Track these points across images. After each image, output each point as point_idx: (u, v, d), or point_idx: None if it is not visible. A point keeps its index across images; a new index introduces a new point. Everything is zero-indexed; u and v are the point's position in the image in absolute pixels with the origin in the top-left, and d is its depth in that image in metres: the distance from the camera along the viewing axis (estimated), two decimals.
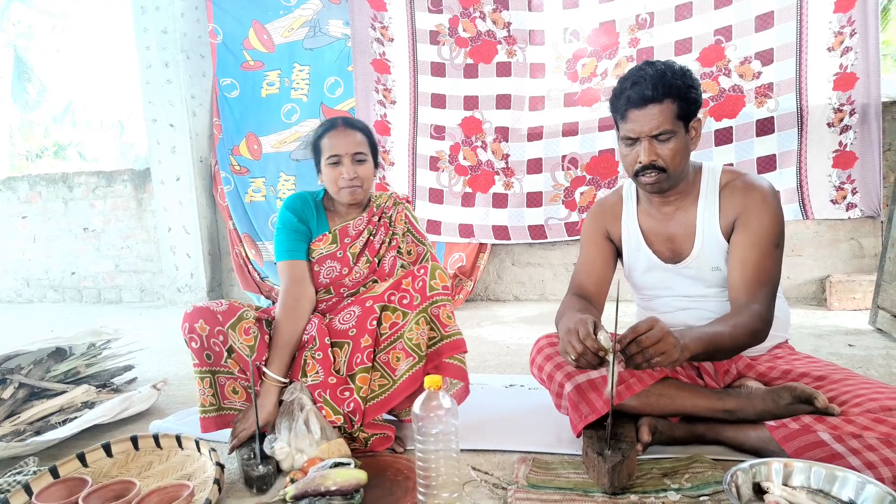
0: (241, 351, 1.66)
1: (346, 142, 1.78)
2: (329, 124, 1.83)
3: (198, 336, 1.63)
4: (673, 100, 1.48)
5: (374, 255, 1.85)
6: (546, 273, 4.09)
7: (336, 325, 1.72)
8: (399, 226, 1.90)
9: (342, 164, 1.77)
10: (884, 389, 1.39)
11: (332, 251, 1.83)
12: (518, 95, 3.80)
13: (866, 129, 3.14)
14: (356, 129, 1.82)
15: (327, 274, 1.83)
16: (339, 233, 1.85)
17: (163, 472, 1.59)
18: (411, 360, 1.64)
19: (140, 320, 4.26)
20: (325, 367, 1.65)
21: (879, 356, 2.40)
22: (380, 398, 1.64)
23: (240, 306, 1.71)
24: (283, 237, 1.84)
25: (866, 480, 1.19)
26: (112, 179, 5.08)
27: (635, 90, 1.49)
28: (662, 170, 1.52)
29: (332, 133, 1.80)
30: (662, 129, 1.48)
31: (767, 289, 1.51)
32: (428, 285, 1.68)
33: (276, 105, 4.38)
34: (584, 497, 1.34)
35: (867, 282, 3.23)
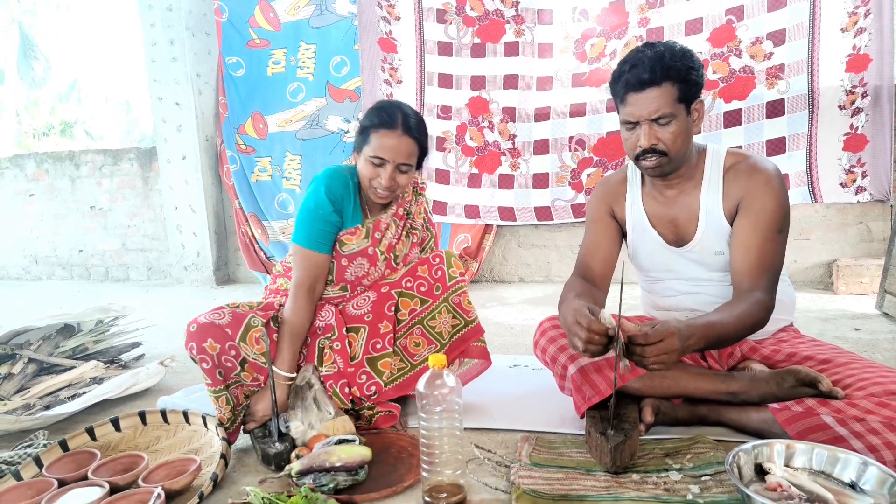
0: (256, 360, 1.60)
1: (398, 150, 1.61)
2: (388, 118, 1.62)
3: (209, 356, 1.53)
4: (672, 82, 1.45)
5: (391, 252, 1.78)
6: (551, 255, 4.09)
7: (350, 311, 1.70)
8: (418, 219, 1.83)
9: (384, 167, 1.62)
10: (888, 373, 1.39)
11: (363, 247, 1.72)
12: (526, 75, 3.76)
13: (878, 112, 3.10)
14: (413, 136, 1.63)
15: (355, 272, 1.74)
16: (372, 227, 1.73)
17: (170, 446, 1.62)
18: (433, 347, 1.68)
19: (147, 298, 4.29)
20: (343, 356, 1.65)
21: (885, 340, 2.40)
22: (398, 381, 1.67)
23: (243, 313, 1.61)
24: (312, 224, 1.67)
25: (868, 462, 1.20)
26: (118, 158, 5.08)
27: (633, 73, 1.46)
28: (663, 154, 1.51)
29: (386, 133, 1.60)
30: (662, 112, 1.46)
31: (770, 275, 1.50)
32: (447, 274, 1.68)
33: (282, 84, 4.35)
34: (587, 476, 1.36)
35: (875, 266, 3.21)
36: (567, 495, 1.27)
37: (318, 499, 1.21)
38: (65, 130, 18.24)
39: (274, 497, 1.23)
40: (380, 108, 1.65)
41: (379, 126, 1.61)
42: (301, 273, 1.68)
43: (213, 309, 1.61)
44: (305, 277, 1.67)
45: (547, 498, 1.25)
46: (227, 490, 1.40)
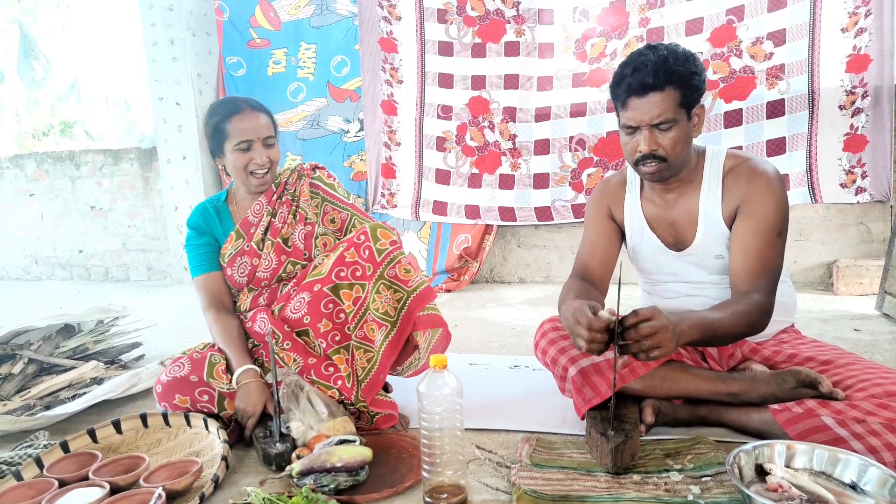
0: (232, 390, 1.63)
1: (256, 125, 1.71)
2: (232, 107, 1.73)
3: (182, 408, 1.63)
4: (675, 87, 1.44)
5: (277, 236, 1.80)
6: (552, 255, 4.09)
7: (289, 315, 1.70)
8: (303, 199, 1.84)
9: (253, 149, 1.71)
10: (889, 374, 1.39)
11: (239, 248, 1.80)
12: (526, 75, 3.76)
13: (878, 113, 3.10)
14: (261, 110, 1.75)
15: (241, 272, 1.81)
16: (241, 227, 1.81)
17: (171, 448, 1.62)
18: (384, 328, 1.62)
19: (147, 298, 4.29)
20: (298, 351, 1.66)
21: (885, 341, 2.40)
22: (371, 373, 1.64)
23: (201, 357, 1.67)
24: (190, 254, 1.84)
25: (869, 463, 1.20)
26: (119, 158, 5.08)
27: (636, 77, 1.44)
28: (663, 159, 1.50)
29: (238, 117, 1.71)
30: (664, 118, 1.45)
31: (769, 278, 1.50)
32: (374, 250, 1.62)
33: (283, 84, 4.35)
34: (587, 476, 1.36)
35: (875, 266, 3.22)
36: (568, 496, 1.27)
37: (319, 499, 1.21)
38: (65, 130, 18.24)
39: (275, 498, 1.23)
40: (220, 104, 1.77)
41: (228, 115, 1.72)
42: (200, 298, 1.82)
43: (172, 362, 1.71)
44: (207, 299, 1.81)
45: (547, 498, 1.25)
46: (227, 491, 1.40)
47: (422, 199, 4.03)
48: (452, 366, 1.27)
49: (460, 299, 3.68)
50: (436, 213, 4.01)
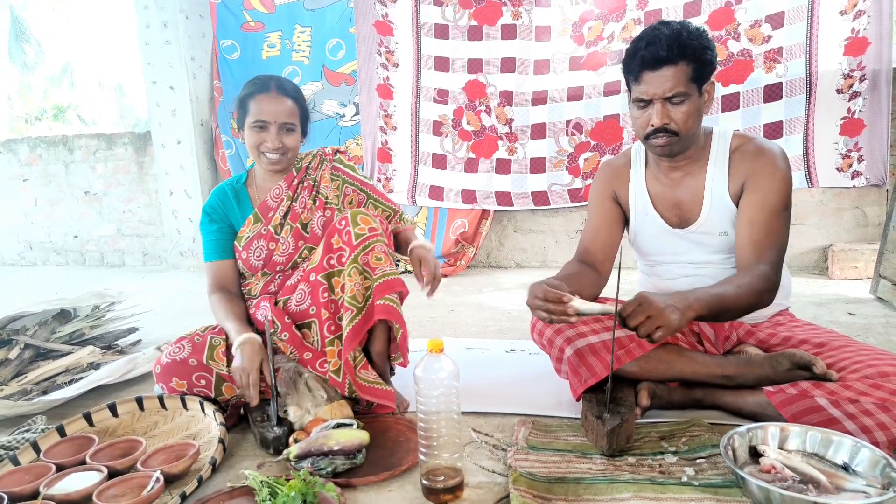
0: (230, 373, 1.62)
1: (276, 109, 1.69)
2: (260, 85, 1.72)
3: (178, 391, 1.64)
4: (688, 61, 1.45)
5: (296, 221, 1.78)
6: (548, 240, 4.09)
7: (293, 308, 1.70)
8: (324, 183, 1.82)
9: (267, 130, 1.69)
10: (882, 356, 1.40)
11: (256, 231, 1.78)
12: (523, 59, 3.74)
13: (876, 96, 3.09)
14: (288, 95, 1.72)
15: (257, 256, 1.78)
16: (260, 211, 1.79)
17: (168, 431, 1.62)
18: (350, 313, 1.59)
19: (143, 284, 4.28)
20: (295, 345, 1.66)
21: (879, 324, 2.41)
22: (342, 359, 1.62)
23: (202, 338, 1.67)
24: (204, 239, 1.82)
25: (861, 444, 1.21)
26: (112, 142, 5.04)
27: (649, 51, 1.45)
28: (674, 133, 1.50)
29: (262, 97, 1.70)
30: (676, 91, 1.46)
31: (775, 250, 1.51)
32: (353, 234, 1.61)
33: (278, 67, 4.31)
34: (583, 459, 1.37)
35: (870, 251, 3.23)
36: (563, 478, 1.28)
37: (317, 482, 1.22)
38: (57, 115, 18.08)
39: (273, 481, 1.24)
40: (252, 79, 1.75)
41: (255, 92, 1.70)
42: (210, 282, 1.80)
43: (174, 342, 1.69)
44: (214, 284, 1.79)
45: (543, 481, 1.26)
46: (225, 474, 1.41)
47: (418, 183, 4.01)
48: (449, 350, 1.28)
49: (457, 284, 3.68)
50: (432, 198, 4.00)
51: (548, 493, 1.22)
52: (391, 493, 1.29)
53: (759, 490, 1.12)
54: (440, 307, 3.05)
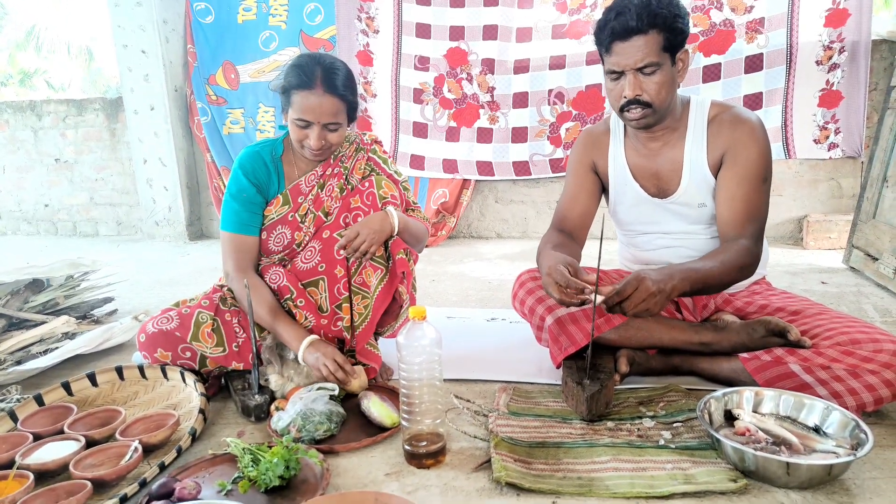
0: (214, 355, 1.60)
1: (321, 110, 1.55)
2: (305, 77, 1.55)
3: (162, 362, 1.61)
4: (658, 30, 1.42)
5: (320, 209, 1.70)
6: (529, 210, 4.09)
7: (300, 266, 1.67)
8: (356, 174, 1.74)
9: (310, 129, 1.58)
10: (853, 324, 1.43)
11: (283, 214, 1.70)
12: (505, 26, 3.68)
13: (854, 68, 3.11)
14: (335, 93, 1.56)
15: (278, 242, 1.71)
16: (290, 193, 1.70)
17: (148, 401, 1.61)
18: (379, 272, 1.62)
19: (118, 253, 4.21)
20: (311, 310, 1.64)
21: (851, 293, 2.47)
22: (367, 320, 1.63)
23: (190, 312, 1.61)
24: (234, 205, 1.67)
25: (832, 407, 1.25)
26: (83, 108, 4.89)
27: (619, 21, 1.43)
28: (647, 105, 1.49)
29: (306, 93, 1.55)
30: (647, 61, 1.44)
31: (756, 223, 1.53)
32: (377, 196, 1.64)
33: (254, 32, 4.19)
34: (563, 424, 1.39)
35: (843, 222, 3.29)
36: (544, 442, 1.30)
37: (299, 449, 1.22)
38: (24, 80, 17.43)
39: (255, 448, 1.24)
40: (297, 66, 1.57)
41: (298, 87, 1.56)
42: (231, 263, 1.66)
43: (161, 312, 1.65)
44: (238, 263, 1.66)
45: (524, 445, 1.28)
46: (206, 442, 1.41)
47: (399, 152, 3.97)
48: (431, 319, 1.28)
49: (438, 254, 3.68)
50: (413, 167, 3.97)
51: (528, 458, 1.24)
52: (373, 458, 1.30)
53: (734, 451, 1.15)
54: (421, 277, 3.04)
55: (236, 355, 1.62)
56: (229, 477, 1.22)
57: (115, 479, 1.21)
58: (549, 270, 1.40)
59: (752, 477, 1.14)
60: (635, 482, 1.14)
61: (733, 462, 1.17)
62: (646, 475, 1.16)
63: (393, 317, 1.73)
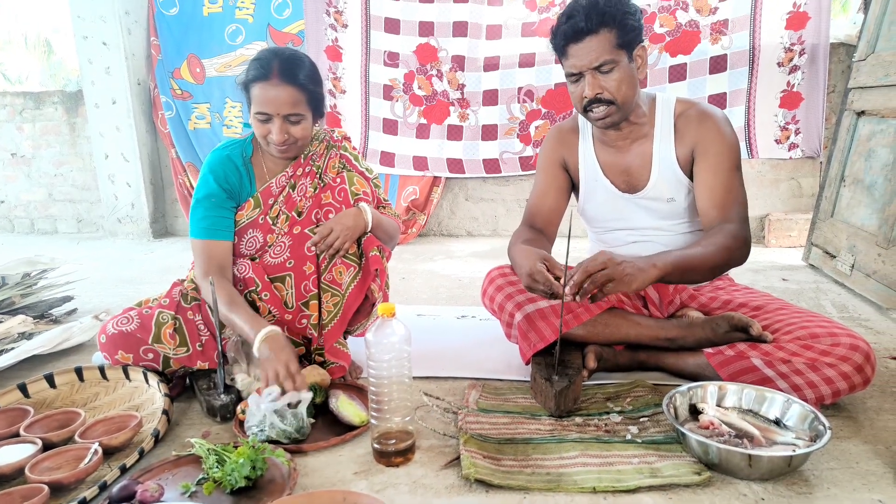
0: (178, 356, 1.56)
1: (279, 101, 1.52)
2: (261, 69, 1.53)
3: (123, 363, 1.57)
4: (609, 28, 1.45)
5: (293, 210, 1.67)
6: (499, 209, 4.10)
7: (269, 260, 1.64)
8: (330, 172, 1.71)
9: (272, 122, 1.54)
10: (813, 318, 1.47)
11: (253, 217, 1.66)
12: (475, 23, 3.68)
13: (814, 70, 3.20)
14: (293, 82, 1.52)
15: (249, 246, 1.68)
16: (261, 196, 1.66)
17: (109, 403, 1.57)
18: (352, 270, 1.61)
19: (78, 251, 4.09)
20: (275, 305, 1.62)
21: (810, 290, 2.54)
22: (337, 318, 1.62)
23: (150, 311, 1.57)
24: (201, 210, 1.60)
25: (792, 400, 1.28)
26: (41, 101, 4.73)
27: (570, 24, 1.46)
28: (610, 102, 1.51)
29: (263, 84, 1.52)
30: (602, 59, 1.46)
31: (738, 207, 1.55)
32: (349, 192, 1.63)
33: (220, 25, 4.11)
34: (532, 420, 1.40)
35: (803, 220, 3.38)
36: (513, 439, 1.30)
37: (266, 448, 1.20)
38: None
39: (220, 448, 1.22)
40: (256, 59, 1.56)
41: (255, 79, 1.54)
42: (202, 264, 1.59)
43: (121, 313, 1.61)
44: (207, 268, 1.58)
45: (493, 442, 1.29)
46: (170, 444, 1.37)
47: (368, 149, 3.94)
48: (401, 317, 1.27)
49: (408, 252, 3.66)
50: (383, 164, 3.94)
51: (497, 454, 1.24)
52: (342, 457, 1.29)
53: (699, 445, 1.17)
54: (392, 275, 3.02)
55: (201, 354, 1.59)
56: (193, 478, 1.19)
57: (74, 482, 1.17)
58: (530, 271, 1.40)
59: (716, 469, 1.16)
60: (602, 476, 1.15)
61: (698, 455, 1.19)
62: (613, 469, 1.17)
63: (365, 315, 1.72)
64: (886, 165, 2.39)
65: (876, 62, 2.55)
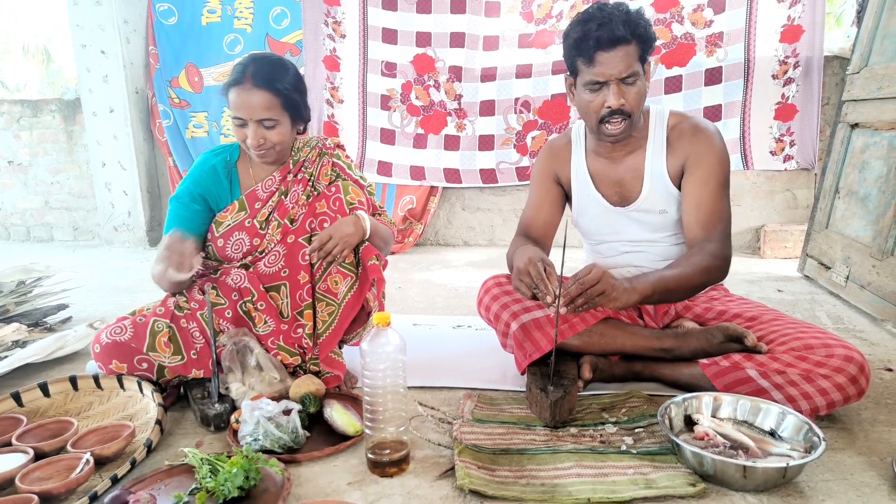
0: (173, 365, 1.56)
1: (251, 105, 1.55)
2: (237, 74, 1.57)
3: (118, 373, 1.56)
4: (638, 40, 1.46)
5: (285, 217, 1.68)
6: (496, 218, 4.11)
7: (263, 269, 1.64)
8: (323, 180, 1.72)
9: (248, 126, 1.58)
10: (808, 329, 1.48)
11: (239, 220, 1.68)
12: (472, 34, 3.70)
13: (808, 83, 3.22)
14: (266, 88, 1.56)
15: (236, 248, 1.69)
16: (246, 199, 1.68)
17: (103, 412, 1.56)
18: (349, 279, 1.61)
19: (74, 259, 4.07)
20: (271, 314, 1.62)
21: (805, 301, 2.55)
22: (332, 327, 1.62)
23: (144, 319, 1.58)
24: (173, 210, 1.68)
25: (786, 412, 1.28)
26: (38, 109, 4.73)
27: (604, 31, 1.44)
28: (628, 115, 1.52)
29: (237, 89, 1.56)
30: (631, 70, 1.47)
31: (721, 227, 1.57)
32: (345, 202, 1.63)
33: (218, 35, 4.13)
34: (527, 430, 1.39)
35: (798, 231, 3.39)
36: (508, 449, 1.30)
37: (260, 458, 1.19)
38: None
39: (213, 458, 1.21)
40: (236, 65, 1.61)
41: (230, 84, 1.58)
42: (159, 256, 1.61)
43: (115, 322, 1.60)
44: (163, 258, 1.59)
45: (488, 452, 1.28)
46: (163, 453, 1.37)
47: (366, 158, 3.95)
48: (397, 326, 1.27)
49: (405, 261, 3.66)
50: (380, 174, 3.95)
51: (492, 465, 1.24)
52: (336, 467, 1.29)
53: (693, 456, 1.17)
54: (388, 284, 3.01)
55: (195, 363, 1.58)
56: (186, 488, 1.18)
57: (65, 492, 1.16)
58: (524, 265, 1.43)
59: (711, 481, 1.16)
60: (597, 488, 1.14)
61: (692, 466, 1.19)
62: (608, 481, 1.17)
63: (360, 324, 1.72)
64: (880, 177, 2.40)
65: (869, 75, 2.57)
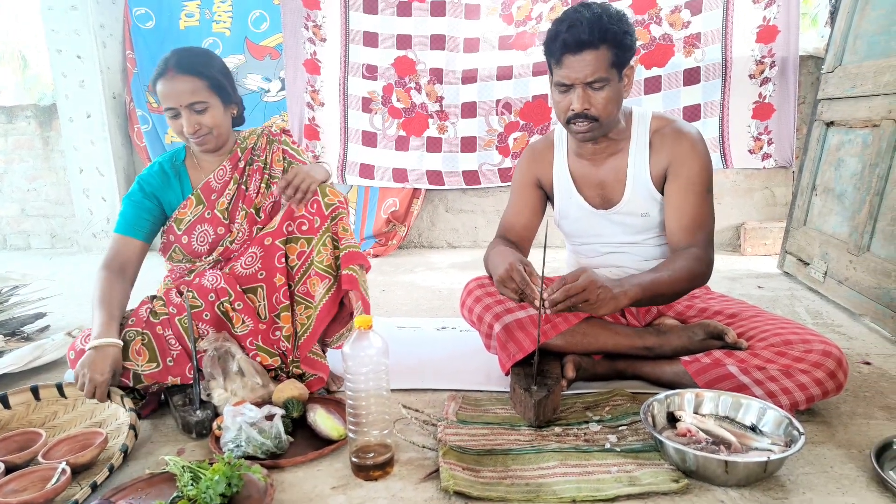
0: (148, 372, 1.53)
1: (177, 92, 1.56)
2: (161, 68, 1.58)
3: None
4: (609, 46, 1.45)
5: (251, 206, 1.71)
6: (479, 220, 4.12)
7: (239, 271, 1.64)
8: (277, 167, 1.74)
9: (181, 115, 1.59)
10: (787, 325, 1.49)
11: (199, 214, 1.70)
12: (452, 36, 3.71)
13: (784, 82, 3.27)
14: (188, 72, 1.57)
15: (201, 241, 1.70)
16: (202, 192, 1.70)
17: (70, 421, 1.53)
18: (327, 282, 1.61)
19: (52, 267, 4.01)
20: (249, 314, 1.60)
21: (785, 297, 2.58)
22: (310, 329, 1.61)
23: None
24: (124, 209, 1.68)
25: (767, 407, 1.29)
26: (13, 115, 4.65)
27: (571, 34, 1.44)
28: (594, 119, 1.52)
29: (162, 80, 1.57)
30: (597, 76, 1.46)
31: (704, 232, 1.58)
32: (323, 204, 1.62)
33: (196, 39, 4.08)
34: (511, 430, 1.39)
35: (777, 229, 3.44)
36: (492, 450, 1.30)
37: (242, 465, 1.18)
38: None
39: (195, 465, 1.19)
40: (160, 61, 1.61)
41: (156, 77, 1.60)
42: (107, 255, 1.64)
43: (89, 331, 1.54)
44: (110, 259, 1.63)
45: (473, 453, 1.28)
46: (143, 461, 1.35)
47: (348, 161, 3.94)
48: (381, 329, 1.27)
49: (388, 264, 3.65)
50: (363, 177, 3.94)
51: (477, 465, 1.23)
52: (320, 471, 1.28)
53: (676, 452, 1.18)
54: (372, 287, 3.01)
55: (172, 369, 1.55)
56: (168, 497, 1.16)
57: (43, 502, 1.14)
58: (507, 269, 1.43)
59: (694, 476, 1.17)
60: (582, 486, 1.15)
61: (675, 462, 1.19)
62: (592, 479, 1.17)
63: (342, 324, 1.71)
64: (855, 174, 2.44)
65: (843, 74, 2.62)
